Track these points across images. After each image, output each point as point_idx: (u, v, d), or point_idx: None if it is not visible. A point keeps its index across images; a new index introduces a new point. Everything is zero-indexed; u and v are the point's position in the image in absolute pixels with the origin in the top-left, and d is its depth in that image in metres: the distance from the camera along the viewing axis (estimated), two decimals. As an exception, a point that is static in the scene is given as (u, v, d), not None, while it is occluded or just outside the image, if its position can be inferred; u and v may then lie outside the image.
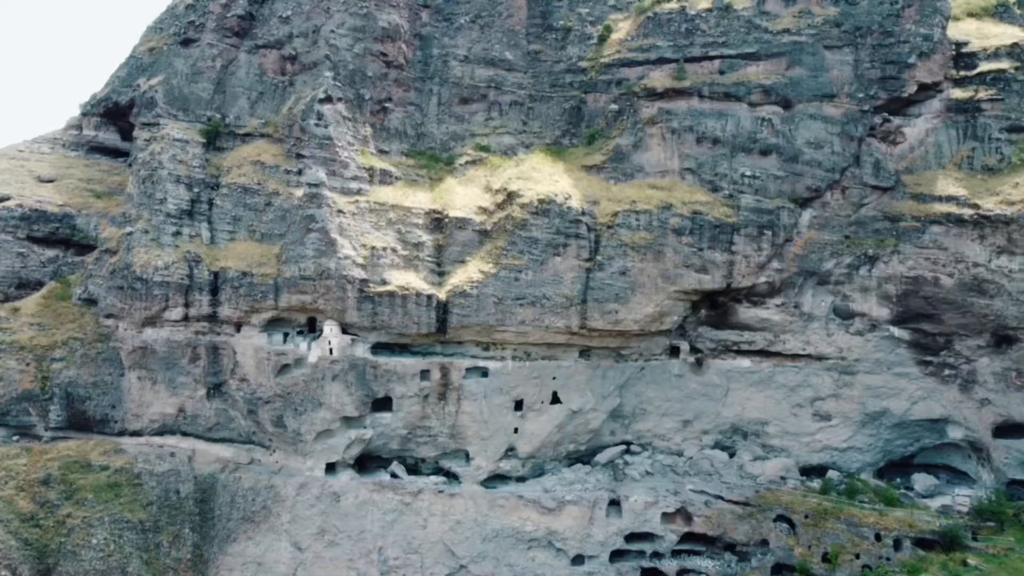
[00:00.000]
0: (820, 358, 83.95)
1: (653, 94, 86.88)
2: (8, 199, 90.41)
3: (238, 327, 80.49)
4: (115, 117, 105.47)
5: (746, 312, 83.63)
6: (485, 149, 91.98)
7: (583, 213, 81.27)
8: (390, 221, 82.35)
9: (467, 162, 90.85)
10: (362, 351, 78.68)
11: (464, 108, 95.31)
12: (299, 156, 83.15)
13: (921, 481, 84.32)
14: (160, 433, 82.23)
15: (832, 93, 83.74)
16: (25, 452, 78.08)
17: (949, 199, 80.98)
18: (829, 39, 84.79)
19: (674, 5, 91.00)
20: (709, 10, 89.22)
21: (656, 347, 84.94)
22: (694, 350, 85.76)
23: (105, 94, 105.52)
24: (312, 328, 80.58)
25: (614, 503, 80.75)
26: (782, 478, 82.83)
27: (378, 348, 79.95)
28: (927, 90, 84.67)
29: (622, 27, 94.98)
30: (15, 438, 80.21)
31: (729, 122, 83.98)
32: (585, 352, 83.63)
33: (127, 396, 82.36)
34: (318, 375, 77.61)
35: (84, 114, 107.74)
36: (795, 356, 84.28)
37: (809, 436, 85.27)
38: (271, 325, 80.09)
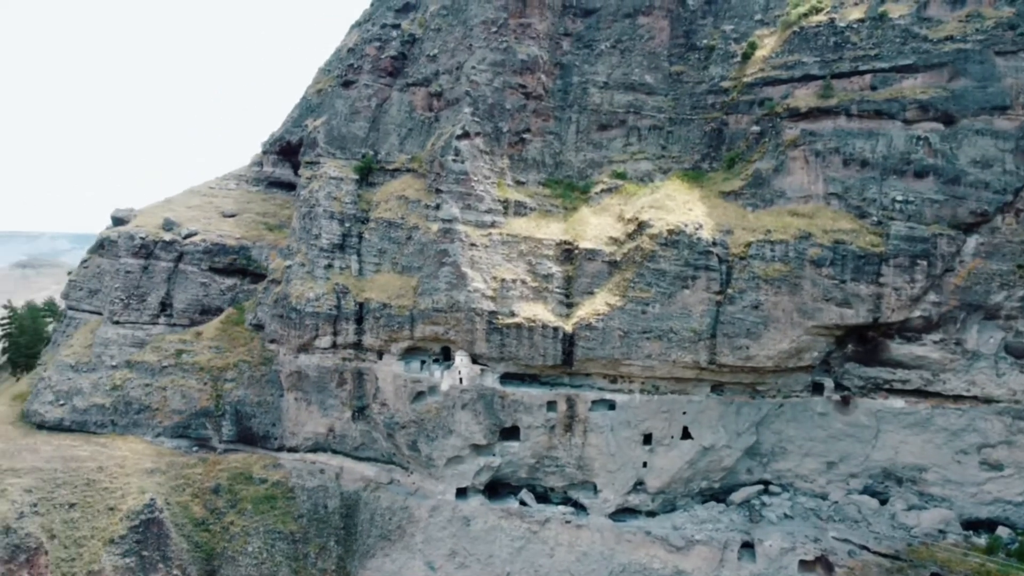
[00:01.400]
0: (988, 400, 75.43)
1: (796, 114, 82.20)
2: (195, 234, 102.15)
3: (380, 355, 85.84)
4: (289, 154, 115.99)
5: (899, 348, 76.83)
6: (621, 176, 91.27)
7: (714, 244, 78.52)
8: (521, 253, 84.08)
9: (602, 190, 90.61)
10: (491, 381, 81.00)
11: (602, 135, 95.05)
12: (438, 191, 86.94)
13: (1117, 546, 73.29)
14: (313, 450, 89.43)
15: (1004, 105, 74.95)
16: (201, 462, 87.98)
17: None
18: (1002, 44, 76.08)
19: (822, 18, 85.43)
20: (861, 20, 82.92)
21: (796, 383, 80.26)
22: (840, 387, 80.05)
23: (280, 133, 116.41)
24: (447, 357, 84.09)
25: (747, 546, 77.24)
26: (940, 531, 75.14)
27: (508, 378, 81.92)
28: (1125, 96, 73.62)
29: (767, 43, 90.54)
30: (195, 449, 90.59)
31: (880, 142, 77.62)
32: (718, 387, 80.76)
33: (285, 415, 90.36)
34: (449, 403, 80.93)
35: (264, 152, 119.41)
36: (958, 398, 76.31)
37: (976, 486, 76.79)
38: (408, 353, 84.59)
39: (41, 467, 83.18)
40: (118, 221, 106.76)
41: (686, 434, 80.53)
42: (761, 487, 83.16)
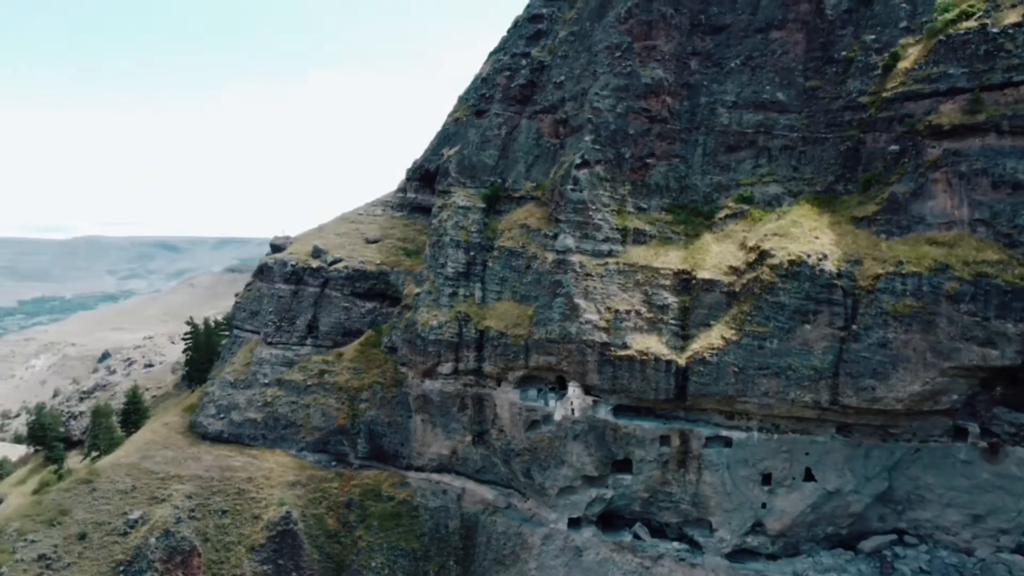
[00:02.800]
0: None
1: (939, 132, 75.30)
2: (339, 261, 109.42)
3: (498, 382, 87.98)
4: (429, 180, 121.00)
5: (1057, 393, 68.49)
6: (748, 200, 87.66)
7: (839, 275, 73.70)
8: (637, 283, 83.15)
9: (727, 216, 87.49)
10: (604, 413, 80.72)
11: (730, 156, 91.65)
12: (556, 220, 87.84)
13: None
14: (438, 470, 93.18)
15: None
16: (338, 477, 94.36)
17: None
18: None
19: (972, 24, 77.55)
20: (1017, 25, 74.38)
21: (934, 427, 73.53)
22: (987, 433, 72.33)
23: (421, 161, 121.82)
24: (563, 386, 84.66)
25: (876, 601, 72.00)
26: (1108, 604, 66.27)
27: (622, 410, 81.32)
28: None
29: (911, 53, 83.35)
30: (333, 464, 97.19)
31: (1035, 162, 69.51)
32: (844, 428, 75.67)
33: (413, 436, 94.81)
34: (561, 433, 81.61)
35: (408, 179, 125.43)
36: None
37: None
38: (524, 381, 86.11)
39: (201, 475, 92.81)
40: (275, 248, 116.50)
41: (809, 476, 76.28)
42: (895, 536, 76.79)
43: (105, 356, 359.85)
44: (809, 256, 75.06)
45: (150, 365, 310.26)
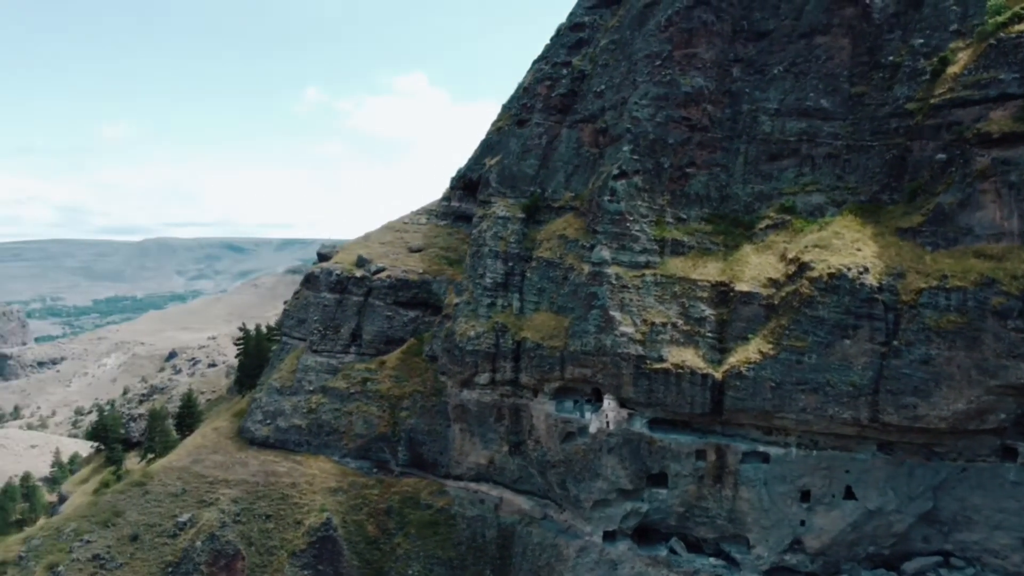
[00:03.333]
0: None
1: (988, 140, 72.53)
2: (383, 270, 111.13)
3: (535, 393, 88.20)
4: (472, 189, 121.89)
5: (1114, 414, 65.43)
6: (790, 210, 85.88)
7: (880, 289, 71.72)
8: (675, 295, 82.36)
9: (767, 226, 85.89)
10: (639, 426, 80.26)
11: (773, 165, 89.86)
12: (594, 231, 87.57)
13: None
14: (476, 479, 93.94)
15: None
16: (379, 484, 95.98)
17: None
18: None
19: (1024, 27, 74.61)
20: (1073, 28, 71.38)
21: (981, 446, 70.96)
22: (1038, 454, 69.61)
23: (464, 170, 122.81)
24: (599, 398, 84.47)
25: (919, 624, 69.95)
26: None
27: (658, 424, 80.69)
28: None
29: (961, 58, 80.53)
30: (375, 470, 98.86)
31: (1091, 171, 66.53)
32: (886, 445, 73.64)
33: (452, 445, 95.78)
34: (596, 446, 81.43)
35: (452, 187, 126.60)
36: None
37: None
38: (560, 393, 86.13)
39: (247, 480, 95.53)
40: (322, 257, 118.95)
41: (849, 494, 74.43)
42: (940, 558, 74.41)
43: (172, 355, 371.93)
44: (849, 269, 73.22)
45: (213, 364, 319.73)
